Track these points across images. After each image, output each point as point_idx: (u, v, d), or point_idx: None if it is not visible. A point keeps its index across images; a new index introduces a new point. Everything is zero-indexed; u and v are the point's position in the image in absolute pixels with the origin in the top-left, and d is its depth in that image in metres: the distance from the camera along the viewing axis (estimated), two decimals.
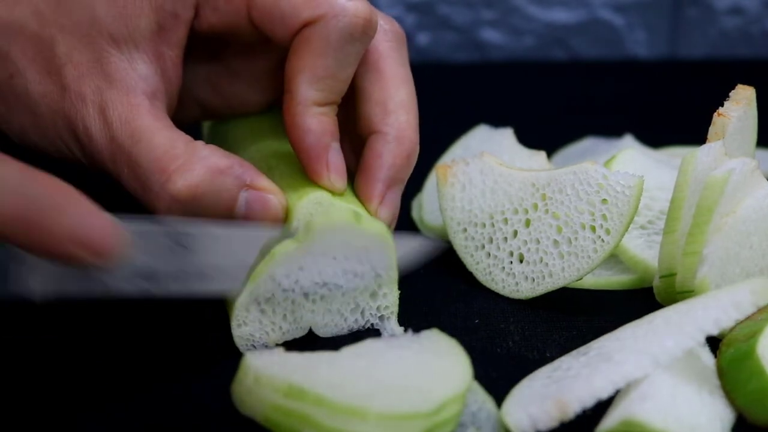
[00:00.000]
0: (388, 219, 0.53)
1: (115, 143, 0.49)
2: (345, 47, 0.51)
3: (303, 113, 0.51)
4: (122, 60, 0.50)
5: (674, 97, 0.88)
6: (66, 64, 0.50)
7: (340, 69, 0.51)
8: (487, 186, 0.57)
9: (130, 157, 0.48)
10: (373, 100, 0.53)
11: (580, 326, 0.54)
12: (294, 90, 0.51)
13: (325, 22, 0.50)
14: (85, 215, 0.42)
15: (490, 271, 0.57)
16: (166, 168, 0.48)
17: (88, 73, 0.50)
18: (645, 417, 0.43)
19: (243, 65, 0.56)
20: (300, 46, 0.51)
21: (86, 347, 0.51)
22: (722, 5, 0.97)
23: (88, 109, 0.49)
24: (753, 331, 0.47)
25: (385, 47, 0.54)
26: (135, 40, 0.50)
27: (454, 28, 0.96)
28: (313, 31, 0.50)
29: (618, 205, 0.53)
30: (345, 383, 0.43)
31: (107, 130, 0.49)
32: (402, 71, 0.54)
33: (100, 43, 0.50)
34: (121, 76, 0.50)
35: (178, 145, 0.48)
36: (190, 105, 0.56)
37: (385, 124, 0.53)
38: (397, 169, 0.53)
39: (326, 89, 0.51)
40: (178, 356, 0.51)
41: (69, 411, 0.47)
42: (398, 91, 0.53)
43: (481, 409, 0.46)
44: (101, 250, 0.43)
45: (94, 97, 0.49)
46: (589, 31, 0.97)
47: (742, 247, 0.52)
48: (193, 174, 0.48)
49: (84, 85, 0.49)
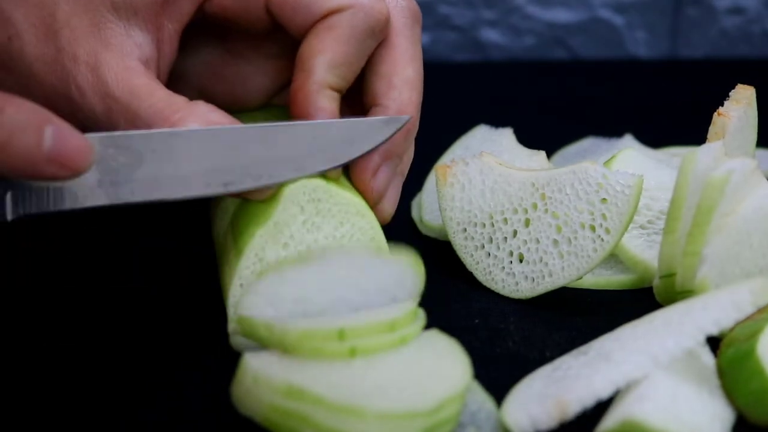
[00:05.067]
0: (381, 191, 0.53)
1: (110, 98, 0.49)
2: (365, 40, 0.52)
3: (318, 92, 0.52)
4: (119, 27, 0.51)
5: (674, 97, 0.88)
6: (63, 28, 0.50)
7: (356, 59, 0.52)
8: (487, 186, 0.57)
9: (128, 109, 0.49)
10: (380, 73, 0.54)
11: (580, 326, 0.54)
12: (311, 69, 0.52)
13: (354, 12, 0.52)
14: (62, 137, 0.44)
15: (490, 270, 0.57)
16: (169, 117, 0.49)
17: (84, 36, 0.50)
18: (645, 417, 0.43)
19: (248, 50, 0.57)
20: (322, 30, 0.52)
21: (85, 347, 0.51)
22: (722, 5, 0.97)
23: (79, 68, 0.50)
24: (753, 331, 0.47)
25: (400, 23, 0.55)
26: (136, 8, 0.51)
27: (454, 28, 0.96)
28: (339, 19, 0.52)
29: (618, 204, 0.53)
30: (344, 383, 0.43)
31: (101, 86, 0.50)
32: (412, 49, 0.55)
33: (100, 10, 0.51)
34: (116, 41, 0.50)
35: (177, 100, 0.49)
36: (190, 92, 0.56)
37: (388, 98, 0.54)
38: (393, 142, 0.53)
39: (341, 75, 0.52)
40: (177, 356, 0.51)
41: (67, 412, 0.47)
42: (406, 68, 0.54)
43: (480, 409, 0.46)
44: (77, 167, 0.45)
45: (88, 58, 0.50)
46: (589, 31, 0.97)
47: (742, 247, 0.52)
48: (195, 125, 0.48)
49: (78, 47, 0.50)
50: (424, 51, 0.57)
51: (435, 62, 0.95)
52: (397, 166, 0.54)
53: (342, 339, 0.45)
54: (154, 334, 0.52)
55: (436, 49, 0.96)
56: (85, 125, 0.51)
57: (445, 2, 0.95)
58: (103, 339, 0.52)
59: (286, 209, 0.50)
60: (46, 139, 0.44)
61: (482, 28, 0.96)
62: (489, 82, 0.91)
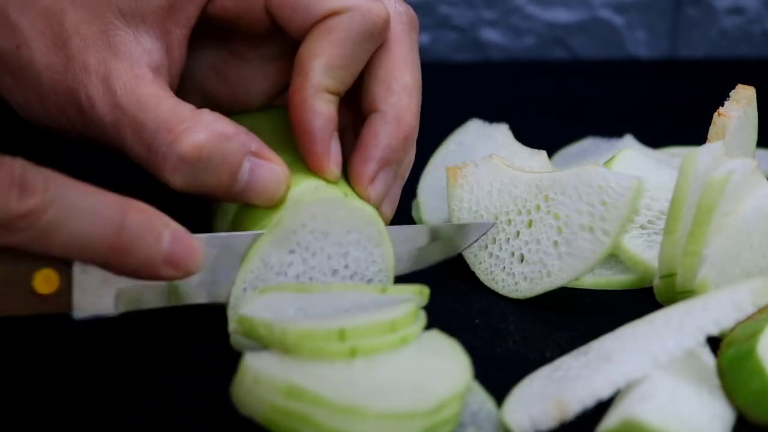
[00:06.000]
0: (379, 198, 0.53)
1: (118, 109, 0.49)
2: (363, 42, 0.52)
3: (315, 95, 0.52)
4: (128, 33, 0.51)
5: (674, 97, 0.88)
6: (72, 36, 0.50)
7: (353, 62, 0.52)
8: (494, 188, 0.57)
9: (135, 120, 0.49)
10: (378, 78, 0.54)
11: (580, 326, 0.54)
12: (308, 72, 0.52)
13: (351, 15, 0.51)
14: (177, 239, 0.45)
15: (491, 270, 0.57)
16: (174, 128, 0.49)
17: (93, 44, 0.50)
18: (645, 417, 0.43)
19: (249, 51, 0.57)
20: (320, 33, 0.52)
21: (85, 347, 0.51)
22: (722, 5, 0.97)
23: (90, 78, 0.50)
24: (753, 331, 0.47)
25: (399, 30, 0.55)
26: (143, 14, 0.51)
27: (454, 28, 0.96)
28: (337, 22, 0.52)
29: (617, 206, 0.53)
30: (344, 383, 0.43)
31: (110, 97, 0.50)
32: (411, 55, 0.55)
33: (108, 17, 0.51)
34: (126, 48, 0.50)
35: (184, 110, 0.49)
36: (192, 94, 0.56)
37: (386, 104, 0.54)
38: (392, 149, 0.53)
39: (338, 78, 0.52)
40: (177, 356, 0.51)
41: (67, 413, 0.47)
42: (404, 74, 0.54)
43: (481, 409, 0.46)
44: (190, 268, 0.46)
45: (98, 67, 0.50)
46: (589, 31, 0.97)
47: (743, 247, 0.52)
48: (200, 136, 0.49)
49: (88, 56, 0.50)
50: (424, 51, 0.57)
51: (435, 62, 0.95)
52: (396, 171, 0.54)
53: (342, 339, 0.45)
54: (154, 334, 0.52)
55: (436, 49, 0.96)
56: (92, 134, 0.51)
57: (445, 2, 0.95)
58: (102, 339, 0.52)
59: (295, 215, 0.50)
60: (164, 243, 0.45)
61: (482, 28, 0.96)
62: (489, 82, 0.91)
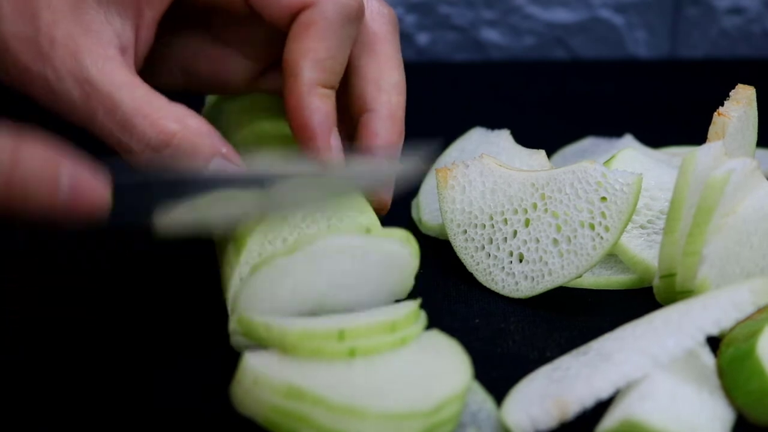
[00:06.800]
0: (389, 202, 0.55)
1: (89, 85, 0.49)
2: (343, 29, 0.52)
3: (309, 93, 0.52)
4: (99, 13, 0.51)
5: (674, 97, 0.88)
6: (43, 9, 0.50)
7: (339, 50, 0.53)
8: (487, 187, 0.57)
9: (110, 98, 0.49)
10: (368, 78, 0.55)
11: (580, 326, 0.54)
12: (298, 72, 0.52)
13: (323, 4, 0.52)
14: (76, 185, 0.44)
15: (490, 271, 0.57)
16: (149, 115, 0.49)
17: (63, 18, 0.50)
18: (645, 417, 0.43)
19: (232, 34, 0.57)
20: (299, 30, 0.52)
21: (84, 347, 0.51)
22: (722, 5, 0.97)
23: (56, 51, 0.50)
24: (753, 331, 0.47)
25: (383, 30, 0.56)
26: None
27: (454, 28, 0.96)
28: (312, 14, 0.52)
29: (617, 202, 0.53)
30: (344, 383, 0.43)
31: (80, 72, 0.50)
32: (396, 55, 0.56)
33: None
34: (96, 27, 0.50)
35: (159, 99, 0.50)
36: (174, 71, 0.57)
37: (378, 103, 0.54)
38: (392, 146, 0.54)
39: (328, 70, 0.52)
40: (176, 356, 0.51)
41: (65, 411, 0.47)
42: (392, 73, 0.55)
43: (481, 409, 0.46)
44: (92, 214, 0.45)
45: (66, 41, 0.50)
46: (589, 31, 0.97)
47: (743, 247, 0.52)
48: (175, 126, 0.49)
49: (57, 29, 0.50)
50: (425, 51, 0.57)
51: (435, 62, 0.95)
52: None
53: (342, 339, 0.45)
54: (154, 333, 0.52)
55: (436, 49, 0.96)
56: (59, 109, 0.51)
57: (445, 2, 0.95)
58: (102, 338, 0.52)
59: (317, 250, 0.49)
60: (62, 188, 0.44)
61: (482, 28, 0.96)
62: (489, 82, 0.91)
